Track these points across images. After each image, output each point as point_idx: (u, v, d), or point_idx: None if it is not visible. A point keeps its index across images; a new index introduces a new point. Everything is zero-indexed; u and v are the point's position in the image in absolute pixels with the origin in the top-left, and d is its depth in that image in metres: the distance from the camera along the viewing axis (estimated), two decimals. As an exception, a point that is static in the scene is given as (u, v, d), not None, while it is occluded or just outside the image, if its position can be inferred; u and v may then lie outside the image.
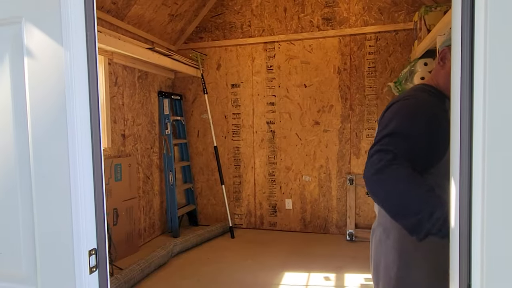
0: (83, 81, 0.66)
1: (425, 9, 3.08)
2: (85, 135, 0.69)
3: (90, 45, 0.67)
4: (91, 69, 0.67)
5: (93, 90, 0.69)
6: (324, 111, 3.81)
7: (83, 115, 0.68)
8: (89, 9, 0.66)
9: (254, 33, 3.98)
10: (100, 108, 2.67)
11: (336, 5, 3.72)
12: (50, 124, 0.67)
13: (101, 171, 0.73)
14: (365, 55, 3.67)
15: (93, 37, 0.67)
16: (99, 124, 0.72)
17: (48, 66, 0.64)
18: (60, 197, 0.70)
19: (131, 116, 3.43)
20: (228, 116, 4.12)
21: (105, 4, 2.97)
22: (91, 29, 0.67)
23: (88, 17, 0.66)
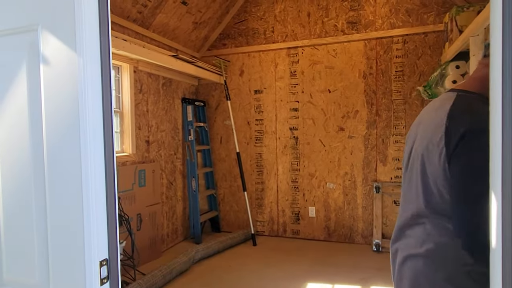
0: (97, 87, 0.65)
1: (457, 9, 2.94)
2: (98, 143, 0.68)
3: (104, 51, 0.66)
4: (105, 75, 0.66)
5: (107, 97, 0.68)
6: (349, 116, 3.71)
7: (96, 123, 0.67)
8: (103, 14, 0.65)
9: (277, 39, 3.96)
10: (125, 114, 2.71)
11: (361, 8, 3.63)
12: (64, 132, 0.66)
13: (114, 180, 0.71)
14: (392, 59, 3.55)
15: (107, 43, 0.66)
16: (112, 131, 0.71)
17: (63, 73, 0.64)
18: (72, 207, 0.68)
19: (155, 122, 3.48)
20: (250, 122, 4.10)
21: (131, 13, 3.04)
22: (105, 34, 0.66)
23: (102, 23, 0.65)
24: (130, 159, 3.09)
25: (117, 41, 2.50)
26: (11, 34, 0.68)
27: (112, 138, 0.72)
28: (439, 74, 3.16)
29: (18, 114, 0.70)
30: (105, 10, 0.66)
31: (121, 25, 2.98)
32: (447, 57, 3.10)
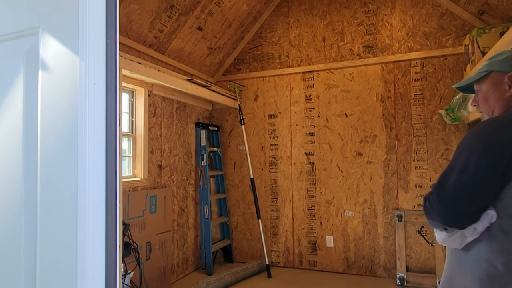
0: (99, 96, 0.57)
1: (478, 31, 2.86)
2: (98, 161, 0.59)
3: (110, 55, 0.58)
4: (110, 81, 0.58)
5: (111, 109, 0.59)
6: (367, 141, 3.57)
7: (97, 138, 0.58)
8: (110, 16, 0.58)
9: (292, 63, 3.93)
10: (137, 138, 2.65)
11: (377, 32, 3.59)
12: (60, 147, 0.57)
13: (116, 211, 0.61)
14: (410, 82, 3.45)
15: (113, 47, 0.59)
16: (115, 149, 0.62)
17: (63, 79, 0.56)
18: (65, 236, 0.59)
19: (168, 147, 3.42)
20: (265, 147, 4.00)
21: (148, 38, 3.07)
22: (111, 37, 0.58)
23: (109, 25, 0.58)
24: (141, 184, 3.01)
25: (132, 64, 2.49)
26: (10, 40, 0.61)
27: (116, 156, 0.63)
28: (462, 97, 3.03)
29: (10, 129, 0.63)
30: (113, 12, 0.59)
31: (137, 49, 3.00)
32: (469, 79, 2.98)
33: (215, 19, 3.53)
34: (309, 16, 3.87)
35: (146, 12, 2.86)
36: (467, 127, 3.23)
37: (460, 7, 3.27)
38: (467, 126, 3.24)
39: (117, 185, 0.64)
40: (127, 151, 3.03)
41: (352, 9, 3.69)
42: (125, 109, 3.04)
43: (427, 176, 3.35)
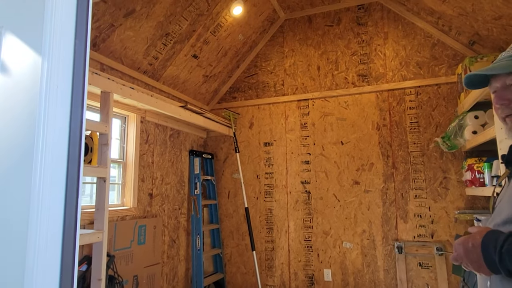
0: (63, 101, 0.51)
1: (470, 60, 2.89)
2: (56, 183, 0.51)
3: (79, 56, 0.53)
4: (76, 86, 0.52)
5: (76, 117, 0.53)
6: (364, 169, 3.51)
7: (57, 151, 0.51)
8: (81, 13, 0.53)
9: (287, 92, 3.94)
10: (128, 165, 2.56)
11: (371, 61, 3.63)
12: (11, 161, 0.50)
13: (75, 241, 0.52)
14: (405, 110, 3.45)
15: (83, 48, 0.53)
16: (78, 170, 0.54)
17: (22, 81, 0.50)
18: (10, 273, 0.50)
19: (160, 174, 3.32)
20: (260, 175, 3.92)
21: (142, 65, 3.07)
22: (81, 37, 0.53)
23: (79, 23, 0.53)
24: (130, 213, 2.88)
25: (124, 89, 2.46)
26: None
27: (78, 179, 0.55)
28: (457, 124, 3.01)
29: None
30: (84, 11, 0.54)
31: (131, 75, 2.99)
32: (464, 107, 2.98)
33: (211, 47, 3.57)
34: (303, 46, 3.93)
35: (141, 39, 2.88)
36: (464, 155, 3.18)
37: (451, 38, 3.33)
38: (464, 154, 3.19)
39: (78, 209, 0.55)
40: (116, 179, 2.94)
41: (346, 40, 3.76)
42: (117, 135, 2.98)
43: (426, 206, 3.26)
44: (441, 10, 3.08)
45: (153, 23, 2.84)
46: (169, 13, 2.89)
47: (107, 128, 2.23)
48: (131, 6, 2.59)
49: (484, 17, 2.76)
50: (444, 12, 3.08)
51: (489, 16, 2.70)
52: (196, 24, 3.19)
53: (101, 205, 2.24)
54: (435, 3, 3.06)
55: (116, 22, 2.60)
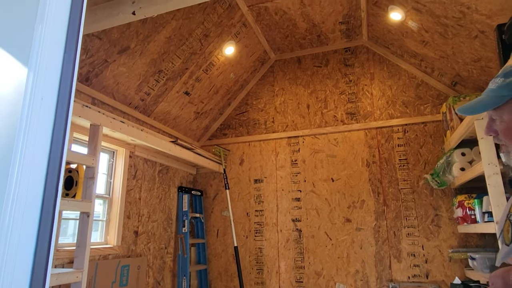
0: (46, 114, 0.49)
1: (453, 99, 3.00)
2: (30, 210, 0.47)
3: (66, 70, 0.52)
4: (62, 99, 0.50)
5: (59, 130, 0.51)
6: (355, 207, 3.47)
7: (36, 166, 0.48)
8: (72, 30, 0.53)
9: (277, 129, 3.98)
10: (114, 201, 2.48)
11: (359, 100, 3.74)
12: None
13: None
14: (394, 148, 3.49)
15: (71, 62, 0.52)
16: (56, 194, 0.51)
17: (4, 91, 0.48)
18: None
19: (147, 211, 3.22)
20: (250, 213, 3.83)
21: (134, 100, 3.09)
22: (70, 52, 0.53)
23: (69, 38, 0.53)
24: (113, 252, 2.74)
25: (114, 122, 2.45)
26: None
27: (55, 207, 0.51)
28: (445, 161, 3.05)
29: None
30: (76, 28, 0.54)
31: (122, 110, 2.99)
32: (450, 144, 3.03)
33: (203, 85, 3.64)
34: (293, 85, 4.05)
35: (134, 76, 2.92)
36: (454, 192, 3.19)
37: (434, 78, 3.48)
38: (454, 191, 3.20)
39: (50, 248, 0.51)
40: (101, 215, 2.83)
41: (334, 79, 3.89)
42: (104, 170, 2.91)
43: (419, 244, 3.20)
44: (423, 53, 3.24)
45: (146, 60, 2.90)
46: (162, 51, 2.97)
47: (94, 161, 2.19)
48: (125, 43, 2.66)
49: (464, 59, 2.90)
50: (426, 55, 3.24)
51: (468, 58, 2.84)
52: (189, 62, 3.28)
53: (82, 242, 2.13)
54: (417, 47, 3.22)
55: (110, 58, 2.65)
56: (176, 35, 2.94)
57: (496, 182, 2.15)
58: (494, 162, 2.21)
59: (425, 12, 2.71)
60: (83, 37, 2.38)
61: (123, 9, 1.58)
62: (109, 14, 1.61)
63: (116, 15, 1.59)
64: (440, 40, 2.88)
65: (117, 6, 1.60)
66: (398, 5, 2.87)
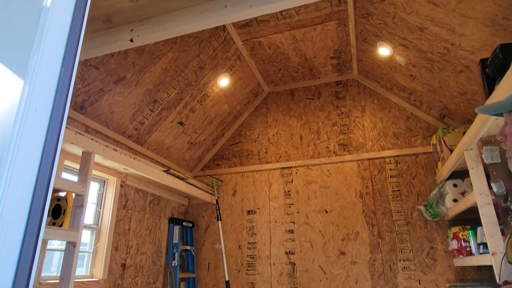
0: (39, 125, 0.49)
1: (443, 130, 3.06)
2: (11, 236, 0.45)
3: (62, 84, 0.52)
4: (56, 111, 0.51)
5: (51, 141, 0.50)
6: (350, 239, 3.41)
7: (24, 183, 0.47)
8: (71, 45, 0.55)
9: (271, 159, 3.99)
10: (102, 232, 2.41)
11: (351, 132, 3.79)
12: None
13: None
14: (387, 179, 3.51)
15: (68, 77, 0.53)
16: (41, 219, 0.49)
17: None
18: None
19: (136, 243, 3.12)
20: (242, 245, 3.73)
21: (128, 129, 3.10)
22: (68, 67, 0.54)
23: (67, 54, 0.54)
24: (98, 286, 2.62)
25: (106, 150, 2.43)
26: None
27: (36, 246, 0.49)
28: (438, 193, 3.06)
29: None
30: (74, 45, 0.56)
31: (115, 139, 2.99)
32: (442, 175, 3.06)
33: (197, 115, 3.68)
34: (286, 117, 4.11)
35: (129, 105, 2.95)
36: (448, 224, 3.17)
37: (423, 111, 3.57)
38: (448, 223, 3.18)
39: (30, 278, 0.49)
40: (88, 246, 2.73)
41: (326, 111, 3.97)
42: (93, 199, 2.85)
43: (416, 278, 3.12)
44: (412, 86, 3.35)
45: (142, 90, 2.95)
46: (158, 82, 3.03)
47: (84, 189, 2.15)
48: (122, 74, 2.71)
49: (451, 93, 3.00)
50: (414, 89, 3.35)
51: (455, 92, 2.94)
52: (183, 93, 3.33)
53: (66, 275, 2.03)
54: (406, 81, 3.34)
55: (106, 87, 2.69)
56: (172, 66, 3.02)
57: (489, 212, 2.15)
58: (486, 192, 2.22)
59: (412, 48, 2.83)
60: (80, 67, 2.43)
61: (121, 37, 1.63)
62: (107, 41, 1.66)
63: (114, 42, 1.64)
64: (427, 74, 2.99)
65: (115, 33, 1.65)
66: (386, 41, 3.01)
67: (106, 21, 1.63)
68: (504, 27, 2.02)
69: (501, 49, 1.80)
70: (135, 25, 1.62)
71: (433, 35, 2.52)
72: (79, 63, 2.41)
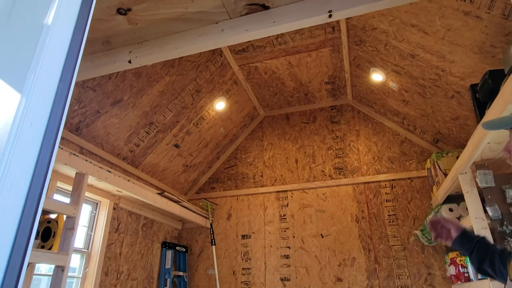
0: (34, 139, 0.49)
1: (437, 155, 3.09)
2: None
3: (59, 99, 0.53)
4: (51, 126, 0.51)
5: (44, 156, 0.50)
6: (346, 264, 3.34)
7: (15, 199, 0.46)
8: (70, 62, 0.56)
9: (266, 183, 3.97)
10: (92, 256, 2.35)
11: (346, 155, 3.81)
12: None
13: None
14: (382, 203, 3.49)
15: (65, 92, 0.54)
16: (28, 240, 0.48)
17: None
18: None
19: (127, 268, 3.03)
20: (237, 271, 3.64)
21: (122, 151, 3.09)
22: (65, 81, 0.54)
23: (66, 69, 0.55)
24: (87, 313, 2.51)
25: (100, 171, 2.41)
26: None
27: (21, 271, 0.47)
28: (434, 217, 3.04)
29: None
30: (73, 61, 0.57)
31: (109, 161, 2.97)
32: (437, 200, 3.05)
33: (193, 138, 3.69)
34: (282, 140, 4.14)
35: (124, 127, 2.96)
36: (445, 249, 3.13)
37: (416, 136, 3.62)
38: (445, 248, 3.14)
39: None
40: (77, 271, 2.64)
41: (321, 135, 4.00)
42: (85, 222, 2.80)
43: (415, 306, 3.04)
44: (405, 111, 3.41)
45: (138, 112, 2.97)
46: (155, 104, 3.05)
47: (76, 211, 2.11)
48: (119, 96, 2.74)
49: (443, 118, 3.06)
50: (407, 113, 3.41)
51: (447, 116, 3.00)
52: (180, 116, 3.36)
53: (53, 301, 1.96)
54: (399, 106, 3.40)
55: (103, 109, 2.70)
56: (169, 89, 3.05)
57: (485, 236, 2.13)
58: (482, 216, 2.21)
59: (404, 74, 2.91)
60: (77, 89, 2.45)
61: (120, 58, 1.66)
62: (106, 62, 1.69)
63: (112, 63, 1.67)
64: (420, 99, 3.06)
65: (114, 54, 1.68)
66: (378, 67, 3.09)
67: (105, 43, 1.66)
68: (492, 54, 2.09)
69: (490, 75, 1.85)
70: (134, 47, 1.66)
71: (424, 62, 2.59)
72: (76, 84, 2.43)
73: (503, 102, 1.66)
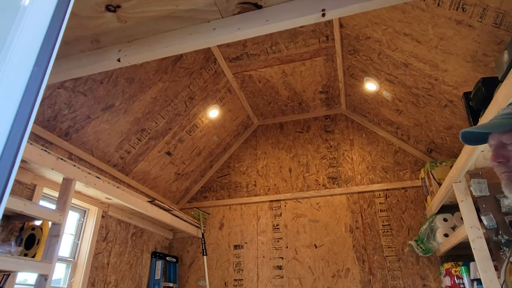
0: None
1: (431, 164, 3.08)
2: None
3: (33, 84, 0.49)
4: (21, 114, 0.47)
5: (11, 149, 0.46)
6: (340, 276, 3.28)
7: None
8: (47, 45, 0.52)
9: (259, 192, 3.92)
10: (78, 266, 2.26)
11: (340, 165, 3.79)
12: None
13: None
14: (376, 213, 3.45)
15: (40, 77, 0.50)
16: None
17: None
18: None
19: (115, 279, 2.93)
20: (228, 283, 3.55)
21: (113, 158, 3.03)
22: (41, 66, 0.51)
23: (42, 53, 0.51)
24: (71, 326, 2.41)
25: (89, 177, 2.35)
26: None
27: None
28: (428, 227, 3.01)
29: None
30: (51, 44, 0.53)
31: (99, 167, 2.91)
32: (432, 209, 3.03)
33: (185, 146, 3.64)
34: (275, 149, 4.10)
35: (116, 133, 2.91)
36: (440, 260, 3.09)
37: (410, 145, 3.61)
38: (440, 259, 3.10)
39: None
40: (62, 281, 2.55)
41: (315, 145, 3.98)
42: (72, 231, 2.71)
43: (410, 319, 2.97)
44: (398, 121, 3.41)
45: (130, 118, 2.92)
46: (147, 111, 3.01)
47: (61, 217, 2.04)
48: (110, 101, 2.70)
49: (437, 127, 3.06)
50: (401, 123, 3.41)
51: (441, 126, 3.00)
52: (172, 123, 3.32)
53: (35, 312, 1.87)
54: (393, 115, 3.40)
55: (93, 114, 2.65)
56: (162, 96, 3.02)
57: (481, 246, 2.11)
58: (477, 225, 2.19)
59: (397, 83, 2.91)
60: (67, 93, 2.41)
61: (109, 56, 1.63)
62: (94, 60, 1.65)
63: (101, 61, 1.63)
64: (413, 109, 3.06)
65: (103, 53, 1.65)
66: (372, 76, 3.09)
67: (94, 42, 1.63)
68: (485, 63, 2.10)
69: (483, 83, 1.85)
70: (123, 46, 1.63)
71: (417, 71, 2.60)
72: (66, 89, 2.39)
73: (496, 109, 1.65)
